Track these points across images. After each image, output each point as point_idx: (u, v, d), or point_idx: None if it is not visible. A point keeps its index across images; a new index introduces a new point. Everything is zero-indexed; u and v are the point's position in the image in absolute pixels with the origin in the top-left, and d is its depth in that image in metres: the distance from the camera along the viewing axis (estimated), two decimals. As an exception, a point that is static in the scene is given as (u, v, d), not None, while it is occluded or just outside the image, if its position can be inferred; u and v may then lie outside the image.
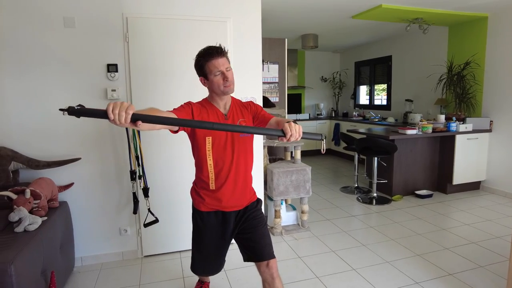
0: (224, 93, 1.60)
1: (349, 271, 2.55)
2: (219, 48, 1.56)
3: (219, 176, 1.64)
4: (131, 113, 1.07)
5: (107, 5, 2.51)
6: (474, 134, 4.38)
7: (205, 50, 1.56)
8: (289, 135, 1.30)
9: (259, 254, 1.68)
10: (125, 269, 2.64)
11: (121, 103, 1.06)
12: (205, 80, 1.61)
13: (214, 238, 1.76)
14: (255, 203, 1.78)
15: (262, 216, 1.78)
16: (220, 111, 1.65)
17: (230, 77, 1.57)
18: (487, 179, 4.56)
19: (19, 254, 1.68)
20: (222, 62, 1.55)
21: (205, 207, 1.70)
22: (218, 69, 1.54)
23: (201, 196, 1.70)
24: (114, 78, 2.58)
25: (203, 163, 1.63)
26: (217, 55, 1.54)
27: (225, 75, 1.55)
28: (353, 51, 7.45)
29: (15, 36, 2.37)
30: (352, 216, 3.73)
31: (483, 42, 4.51)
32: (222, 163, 1.63)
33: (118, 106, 1.05)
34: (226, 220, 1.73)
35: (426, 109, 5.61)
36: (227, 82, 1.56)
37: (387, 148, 4.06)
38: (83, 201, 2.63)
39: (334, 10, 4.24)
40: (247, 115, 1.70)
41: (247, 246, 1.72)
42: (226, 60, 1.57)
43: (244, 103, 1.75)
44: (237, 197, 1.69)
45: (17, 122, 2.44)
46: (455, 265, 2.61)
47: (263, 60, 3.86)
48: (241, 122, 1.66)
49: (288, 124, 1.31)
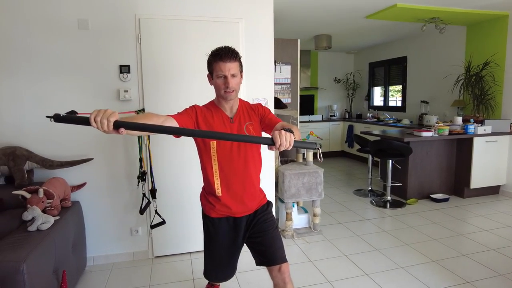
0: (223, 98, 1.56)
1: (362, 276, 2.49)
2: (230, 51, 1.51)
3: (226, 181, 1.59)
4: (113, 121, 1.09)
5: (120, 6, 2.53)
6: (493, 137, 4.24)
7: (217, 50, 1.53)
8: (278, 144, 1.22)
9: (271, 258, 1.64)
10: (135, 269, 2.65)
11: (104, 110, 1.09)
12: (211, 78, 1.59)
13: (226, 244, 1.71)
14: (265, 206, 1.75)
15: (273, 219, 1.75)
16: (225, 114, 1.61)
17: (232, 84, 1.52)
18: (507, 184, 4.40)
19: (31, 253, 1.70)
20: (229, 67, 1.49)
21: (216, 213, 1.66)
22: (222, 72, 1.50)
23: (210, 202, 1.65)
24: (127, 79, 2.59)
25: (208, 168, 1.59)
26: (225, 58, 1.49)
27: (227, 80, 1.51)
28: (367, 52, 7.34)
29: (30, 38, 2.41)
30: (366, 220, 3.65)
31: (503, 42, 4.37)
32: (228, 168, 1.58)
33: (101, 113, 1.08)
34: (237, 226, 1.69)
35: (443, 111, 5.47)
36: (227, 88, 1.52)
37: (402, 151, 3.97)
38: (95, 201, 2.66)
39: (348, 11, 4.18)
40: (255, 118, 1.66)
41: (259, 250, 1.68)
42: (235, 65, 1.52)
43: (252, 106, 1.71)
44: (247, 202, 1.65)
45: (32, 122, 2.48)
46: (473, 273, 2.51)
47: (275, 61, 3.82)
48: (248, 126, 1.62)
49: (278, 133, 1.22)
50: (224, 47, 1.53)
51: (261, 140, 1.28)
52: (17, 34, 2.39)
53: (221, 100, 1.60)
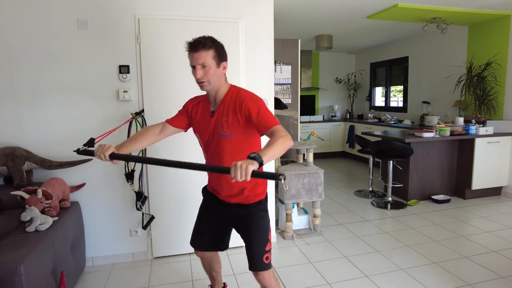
0: (200, 88, 1.57)
1: (362, 278, 2.48)
2: (201, 40, 1.47)
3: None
4: (107, 154, 1.50)
5: (120, 6, 2.52)
6: (495, 138, 4.22)
7: (190, 40, 1.52)
8: (231, 177, 1.16)
9: (248, 263, 1.68)
10: (135, 270, 2.64)
11: (103, 146, 1.51)
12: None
13: (210, 214, 1.80)
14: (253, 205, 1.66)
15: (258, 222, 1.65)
16: (209, 107, 1.64)
17: (199, 75, 1.48)
18: (510, 185, 4.37)
19: (29, 254, 1.69)
20: (197, 57, 1.47)
21: (208, 186, 1.81)
22: (191, 63, 1.50)
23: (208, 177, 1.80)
24: (126, 79, 2.59)
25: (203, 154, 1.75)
26: (193, 49, 1.47)
27: (195, 70, 1.49)
28: (368, 52, 7.32)
29: (29, 37, 2.41)
30: (366, 221, 3.63)
31: (505, 42, 4.34)
32: (209, 158, 1.68)
33: (100, 149, 1.50)
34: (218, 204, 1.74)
35: (444, 112, 5.44)
36: (197, 79, 1.52)
37: (403, 151, 3.95)
38: (94, 202, 2.65)
39: (349, 11, 4.17)
40: (234, 114, 1.52)
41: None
42: (205, 55, 1.46)
43: (240, 99, 1.54)
44: (224, 190, 1.67)
45: (31, 122, 2.48)
46: (474, 275, 2.49)
47: (275, 61, 3.82)
48: (222, 122, 1.55)
49: (234, 164, 1.16)
50: (197, 37, 1.50)
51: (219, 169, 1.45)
52: (16, 34, 2.39)
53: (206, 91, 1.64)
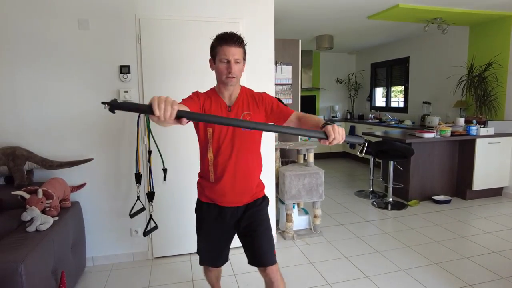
0: (225, 83, 1.54)
1: (362, 279, 2.48)
2: (236, 36, 1.48)
3: (218, 169, 1.58)
4: (177, 109, 1.04)
5: (121, 7, 2.53)
6: (496, 138, 4.21)
7: (222, 34, 1.50)
8: (332, 138, 1.22)
9: (259, 259, 1.64)
10: (135, 270, 2.65)
11: (165, 98, 1.03)
12: (212, 63, 1.56)
13: (210, 229, 1.72)
14: (259, 200, 1.69)
15: (264, 217, 1.69)
16: (224, 102, 1.59)
17: (235, 70, 1.49)
18: (510, 186, 4.36)
19: (30, 254, 1.70)
20: (233, 52, 1.47)
21: (205, 198, 1.68)
22: (226, 57, 1.47)
23: (202, 187, 1.68)
24: (127, 80, 2.59)
25: (204, 154, 1.60)
26: (230, 43, 1.46)
27: (230, 65, 1.48)
28: (369, 52, 7.31)
29: (30, 38, 2.42)
30: (367, 222, 3.63)
31: (506, 42, 4.34)
32: (221, 156, 1.57)
33: (163, 100, 1.02)
34: (221, 214, 1.67)
35: (445, 112, 5.44)
36: (230, 73, 1.49)
37: (403, 152, 3.95)
38: (95, 202, 2.65)
39: (350, 11, 4.16)
40: (254, 109, 1.60)
41: (248, 248, 1.68)
42: (239, 51, 1.49)
43: (256, 95, 1.64)
44: (236, 194, 1.62)
45: (31, 122, 2.49)
46: (475, 276, 2.49)
47: (276, 61, 3.81)
48: (244, 116, 1.57)
49: (331, 127, 1.23)
50: (230, 32, 1.50)
51: (311, 133, 1.26)
52: (17, 35, 2.40)
53: (221, 86, 1.59)
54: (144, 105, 1.04)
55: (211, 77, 2.74)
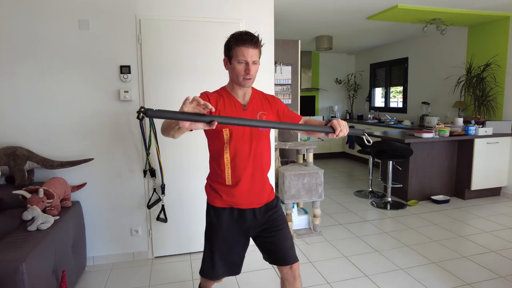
0: (241, 85, 1.53)
1: (361, 278, 2.49)
2: (255, 37, 1.48)
3: (237, 171, 1.56)
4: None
5: (121, 7, 2.54)
6: (494, 138, 4.23)
7: (240, 34, 1.48)
8: (338, 130, 1.41)
9: (283, 257, 1.63)
10: (135, 269, 2.66)
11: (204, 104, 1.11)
12: (228, 62, 1.54)
13: (229, 235, 1.63)
14: (274, 202, 1.70)
15: (284, 216, 1.70)
16: (238, 101, 1.57)
17: (253, 71, 1.49)
18: (509, 185, 4.38)
19: (31, 253, 1.71)
20: (251, 53, 1.46)
21: (221, 203, 1.60)
22: (244, 58, 1.46)
23: (217, 191, 1.60)
24: (127, 80, 2.60)
25: (220, 156, 1.55)
26: (249, 44, 1.45)
27: (248, 67, 1.47)
28: (368, 53, 7.34)
29: (30, 38, 2.42)
30: (366, 221, 3.65)
31: (504, 43, 4.36)
32: (240, 157, 1.54)
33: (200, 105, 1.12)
34: (242, 218, 1.62)
35: (444, 112, 5.46)
36: (247, 75, 1.49)
37: (402, 152, 3.97)
38: (95, 201, 2.66)
39: (349, 11, 4.18)
40: (268, 109, 1.64)
41: (270, 249, 1.65)
42: (256, 53, 1.49)
43: (268, 96, 1.68)
44: (255, 194, 1.60)
45: (33, 122, 2.49)
46: (473, 275, 2.50)
47: (275, 62, 3.83)
48: (261, 115, 1.59)
49: (336, 121, 1.41)
50: (248, 32, 1.49)
51: (319, 128, 1.45)
52: (18, 35, 2.41)
53: (235, 86, 1.57)
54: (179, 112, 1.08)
55: (212, 77, 2.76)
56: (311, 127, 1.45)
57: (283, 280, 1.67)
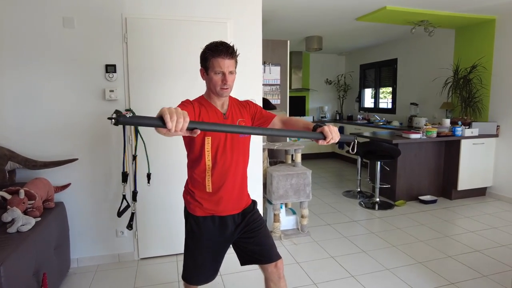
0: (218, 94, 1.54)
1: (348, 278, 2.50)
2: (230, 48, 1.48)
3: (217, 178, 1.57)
4: (189, 120, 1.04)
5: (107, 5, 2.50)
6: (480, 139, 4.30)
7: (216, 45, 1.49)
8: (329, 138, 1.34)
9: (267, 256, 1.65)
10: (120, 271, 2.62)
11: (176, 109, 1.02)
12: (205, 73, 1.55)
13: (211, 244, 1.64)
14: (251, 205, 1.73)
15: (261, 217, 1.74)
16: (218, 110, 1.59)
17: (230, 81, 1.51)
18: (494, 185, 4.46)
19: (10, 255, 1.66)
20: (227, 64, 1.47)
21: (202, 211, 1.60)
22: (221, 68, 1.47)
23: (196, 199, 1.59)
24: (112, 79, 2.56)
25: (199, 163, 1.55)
26: (224, 55, 1.46)
27: (225, 77, 1.49)
28: (358, 54, 7.38)
29: (12, 36, 2.37)
30: (354, 221, 3.66)
31: (490, 45, 4.43)
32: (221, 165, 1.55)
33: (174, 112, 1.01)
34: (223, 225, 1.64)
35: (432, 113, 5.53)
36: (225, 85, 1.50)
37: (390, 152, 4.00)
38: (80, 202, 2.62)
39: (338, 12, 4.20)
40: (246, 115, 1.66)
41: (254, 249, 1.65)
42: (232, 63, 1.50)
43: (242, 102, 1.70)
44: (234, 200, 1.63)
45: (14, 122, 2.44)
46: (458, 274, 2.53)
47: (264, 62, 3.83)
48: (240, 122, 1.61)
49: (327, 128, 1.34)
50: (223, 43, 1.49)
51: (312, 135, 1.36)
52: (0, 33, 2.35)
53: (213, 96, 1.57)
54: (154, 118, 1.01)
55: (196, 75, 2.73)
56: (301, 133, 1.39)
57: (267, 280, 1.67)
